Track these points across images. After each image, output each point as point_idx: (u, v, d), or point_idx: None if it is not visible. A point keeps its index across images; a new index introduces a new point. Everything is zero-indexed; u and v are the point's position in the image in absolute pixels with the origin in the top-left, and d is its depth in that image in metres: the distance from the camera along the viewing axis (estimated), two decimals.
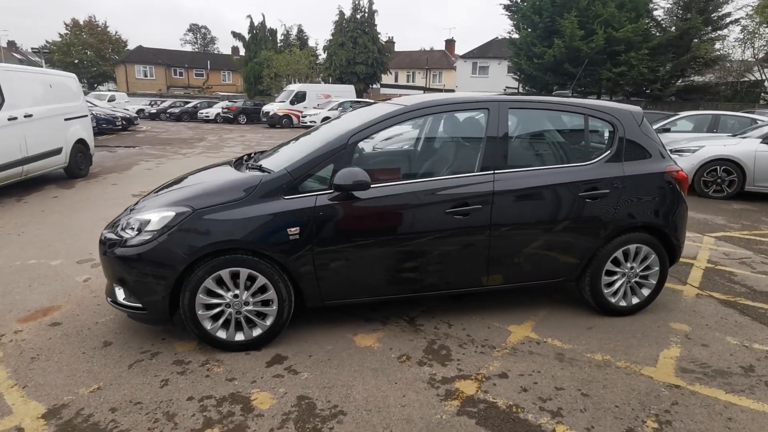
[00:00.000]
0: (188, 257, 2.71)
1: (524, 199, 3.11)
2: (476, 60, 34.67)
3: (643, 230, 3.36)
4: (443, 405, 2.46)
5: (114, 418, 2.31)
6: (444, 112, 3.25)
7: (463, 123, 3.50)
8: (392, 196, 2.95)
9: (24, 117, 7.34)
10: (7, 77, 7.19)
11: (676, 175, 3.43)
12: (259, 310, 2.91)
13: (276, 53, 32.04)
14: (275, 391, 2.55)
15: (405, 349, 3.00)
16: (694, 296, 3.90)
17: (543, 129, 3.50)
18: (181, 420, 2.31)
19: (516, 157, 3.21)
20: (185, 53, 54.53)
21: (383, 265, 2.99)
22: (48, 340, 3.04)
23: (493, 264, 3.16)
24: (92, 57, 49.46)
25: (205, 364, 2.80)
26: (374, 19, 29.24)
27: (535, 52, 21.29)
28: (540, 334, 3.22)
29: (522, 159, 3.27)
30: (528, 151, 3.44)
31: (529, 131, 3.51)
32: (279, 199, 2.82)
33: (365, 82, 29.23)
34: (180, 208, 2.79)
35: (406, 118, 3.09)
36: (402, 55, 46.17)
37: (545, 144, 3.51)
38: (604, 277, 3.36)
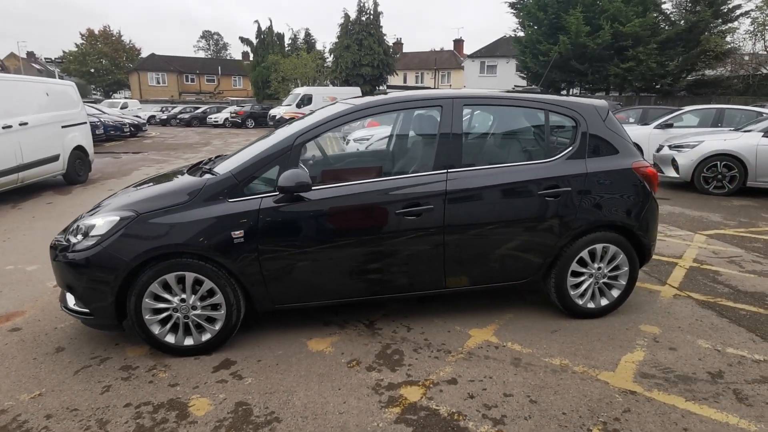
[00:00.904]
0: (132, 262, 2.68)
1: (479, 198, 3.01)
2: (484, 59, 34.39)
3: (609, 229, 3.24)
4: (383, 412, 2.38)
5: (47, 425, 2.29)
6: (394, 110, 3.18)
7: (423, 121, 3.42)
8: (339, 198, 2.88)
9: (19, 125, 7.47)
10: (2, 86, 7.34)
11: (645, 171, 3.29)
12: (208, 315, 2.87)
13: (283, 57, 32.26)
14: (215, 397, 2.51)
15: (357, 353, 2.93)
16: (671, 297, 3.75)
17: (501, 126, 3.40)
18: (113, 427, 2.28)
19: (472, 156, 3.12)
20: (196, 59, 55.34)
21: (333, 267, 2.93)
22: (4, 346, 3.05)
23: (451, 265, 3.07)
24: (107, 66, 50.59)
25: (151, 369, 2.77)
26: (380, 21, 29.24)
27: (541, 49, 21.00)
28: (501, 337, 3.12)
29: (478, 157, 3.18)
30: (485, 148, 3.35)
31: (486, 128, 3.41)
32: (224, 202, 2.78)
33: (371, 83, 29.23)
34: (124, 213, 2.77)
35: (354, 117, 3.03)
36: (410, 56, 46.09)
37: (504, 141, 3.41)
38: (570, 278, 3.25)
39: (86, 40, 50.72)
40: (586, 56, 20.12)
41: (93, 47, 50.32)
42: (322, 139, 3.80)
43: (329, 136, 9.66)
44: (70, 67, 49.39)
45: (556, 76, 21.74)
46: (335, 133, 6.65)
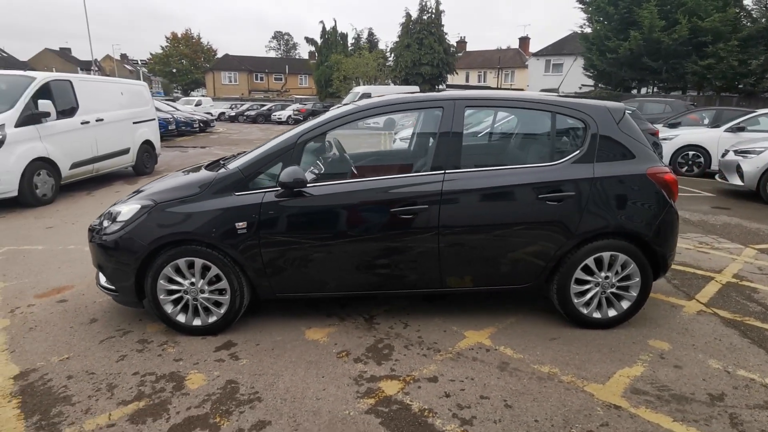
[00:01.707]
0: (149, 246, 2.98)
1: (475, 200, 3.01)
2: (549, 57, 33.05)
3: (618, 237, 3.10)
4: (357, 402, 2.48)
5: (66, 384, 2.63)
6: (397, 111, 3.24)
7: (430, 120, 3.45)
8: (338, 195, 3.01)
9: (96, 121, 8.35)
10: (82, 86, 8.22)
11: (661, 177, 3.11)
12: (215, 299, 3.11)
13: (345, 56, 33.01)
14: (210, 374, 2.74)
15: (349, 345, 3.05)
16: (694, 313, 3.50)
17: (506, 128, 3.35)
18: (119, 392, 2.57)
19: (472, 157, 3.12)
20: (266, 59, 57.99)
21: (330, 261, 3.06)
22: (50, 314, 3.49)
23: (448, 266, 3.09)
24: (187, 66, 54.39)
25: (163, 344, 3.06)
26: (441, 20, 29.03)
27: (609, 46, 19.84)
28: (495, 341, 3.10)
29: (479, 159, 3.17)
30: (487, 150, 3.32)
31: (489, 130, 3.38)
32: (230, 195, 3.01)
33: (431, 82, 29.12)
34: (145, 202, 3.08)
35: (357, 118, 3.13)
36: (474, 55, 45.33)
37: (508, 143, 3.36)
38: (573, 286, 3.15)
39: (170, 42, 54.85)
40: (660, 53, 18.74)
41: (175, 49, 54.32)
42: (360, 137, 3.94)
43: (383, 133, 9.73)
44: (155, 67, 53.74)
45: (626, 74, 20.46)
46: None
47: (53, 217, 6.40)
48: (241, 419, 2.35)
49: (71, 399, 2.50)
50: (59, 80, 7.79)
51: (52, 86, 7.50)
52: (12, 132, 6.68)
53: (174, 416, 2.37)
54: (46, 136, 7.21)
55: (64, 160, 7.57)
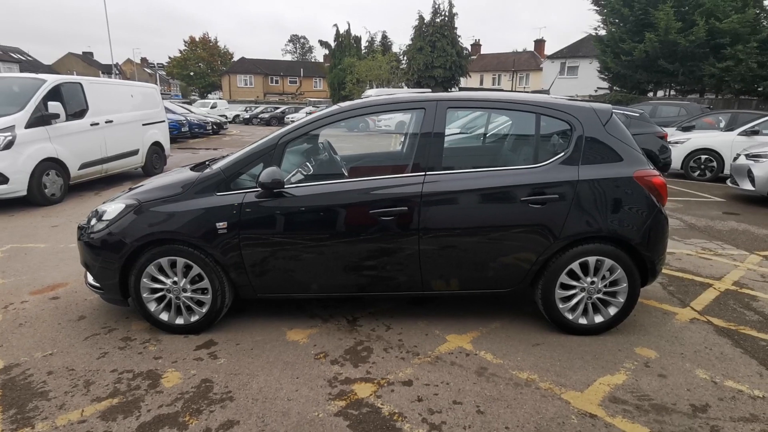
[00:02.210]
0: (132, 244, 3.02)
1: (455, 202, 2.97)
2: (564, 60, 32.66)
3: (604, 241, 3.03)
4: (327, 404, 2.47)
5: (45, 380, 2.67)
6: (379, 112, 3.22)
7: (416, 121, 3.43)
8: (318, 196, 3.01)
9: (105, 122, 8.52)
10: (92, 89, 8.40)
11: (649, 181, 3.03)
12: (197, 298, 3.13)
13: (359, 59, 33.15)
14: (187, 372, 2.75)
15: (328, 347, 3.04)
16: (687, 321, 3.40)
17: (489, 129, 3.31)
18: (94, 388, 2.60)
19: (455, 159, 3.09)
20: (281, 62, 58.60)
21: (310, 262, 3.06)
22: (41, 311, 3.56)
23: (428, 269, 3.06)
24: (204, 69, 55.34)
25: (145, 342, 3.09)
26: (454, 23, 28.94)
27: (624, 48, 19.52)
28: (476, 345, 3.05)
29: (462, 160, 3.14)
30: (470, 152, 3.27)
31: (472, 131, 3.34)
32: (212, 195, 3.03)
33: (443, 85, 29.02)
34: (130, 201, 3.12)
35: (339, 119, 3.13)
36: (489, 58, 45.08)
37: (491, 144, 3.31)
38: (558, 291, 3.09)
39: (188, 46, 55.90)
40: (676, 55, 18.38)
41: (193, 53, 55.35)
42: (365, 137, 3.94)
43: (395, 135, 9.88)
44: (174, 70, 54.73)
45: (642, 76, 20.11)
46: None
47: (60, 216, 6.53)
48: (210, 418, 2.35)
49: (48, 394, 2.54)
50: (70, 83, 7.98)
51: (62, 89, 7.68)
52: (22, 133, 6.85)
53: (144, 414, 2.38)
54: (56, 137, 7.38)
55: (73, 161, 7.74)
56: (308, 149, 3.96)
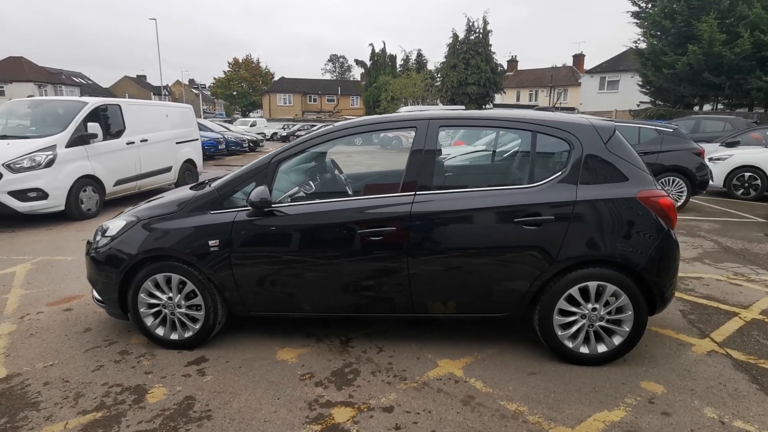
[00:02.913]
0: (130, 261, 3.11)
1: (446, 222, 2.89)
2: (604, 74, 31.73)
3: (606, 265, 2.86)
4: (302, 428, 2.42)
5: (40, 390, 2.77)
6: (371, 131, 3.20)
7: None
8: (307, 215, 3.01)
9: (140, 141, 8.97)
10: (129, 110, 8.89)
11: (655, 202, 2.85)
12: (191, 314, 3.18)
13: (393, 78, 33.55)
14: (173, 389, 2.78)
15: (316, 368, 3.00)
16: (704, 353, 3.13)
17: (484, 148, 3.21)
18: (83, 401, 2.66)
19: (446, 178, 3.02)
20: (319, 81, 60.16)
21: (300, 281, 3.05)
22: (53, 322, 3.72)
23: (418, 291, 2.98)
24: (246, 89, 57.62)
25: (140, 356, 3.16)
26: (488, 40, 28.83)
27: (665, 61, 18.77)
28: (467, 372, 2.93)
29: (455, 180, 3.05)
30: (462, 171, 3.19)
31: (466, 151, 3.25)
32: (206, 213, 3.09)
33: (477, 102, 28.84)
34: (130, 218, 3.24)
35: (330, 138, 3.14)
36: (526, 74, 44.55)
37: (485, 164, 3.21)
38: (557, 317, 2.93)
39: (232, 67, 58.47)
40: (722, 68, 17.49)
41: (236, 73, 57.82)
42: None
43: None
44: (218, 91, 57.28)
45: (686, 90, 19.22)
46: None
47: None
48: None
49: (39, 405, 2.63)
50: (109, 105, 8.47)
51: (101, 111, 8.18)
52: (62, 152, 7.31)
53: (123, 429, 2.42)
54: (94, 155, 7.83)
55: (109, 178, 8.17)
56: (313, 168, 4.00)
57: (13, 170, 6.84)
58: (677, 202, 7.60)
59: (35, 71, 48.46)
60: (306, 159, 4.04)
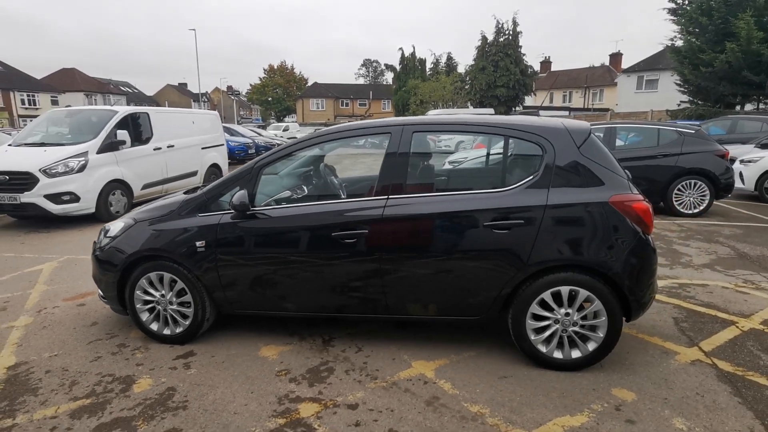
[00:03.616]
0: (126, 259, 3.34)
1: (417, 226, 2.95)
2: (642, 74, 30.56)
3: (578, 270, 2.84)
4: (268, 420, 2.54)
5: (41, 378, 3.02)
6: (347, 138, 3.30)
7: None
8: (287, 218, 3.14)
9: (167, 147, 9.44)
10: (157, 117, 9.38)
11: (629, 206, 2.81)
12: (182, 311, 3.37)
13: (422, 81, 33.58)
14: (158, 380, 2.97)
15: (293, 365, 3.12)
16: (687, 362, 3.04)
17: (459, 152, 3.24)
18: (77, 388, 2.89)
19: (419, 182, 3.07)
20: (351, 86, 60.89)
21: (280, 281, 3.18)
22: (65, 316, 4.02)
23: (392, 294, 3.05)
24: (280, 95, 59.03)
25: (135, 349, 3.38)
26: (518, 41, 28.35)
27: (703, 59, 17.93)
28: (439, 374, 2.97)
29: (426, 185, 3.11)
30: (434, 176, 3.23)
31: (439, 155, 3.29)
32: (195, 216, 3.28)
33: (506, 105, 28.42)
34: (128, 220, 3.47)
35: (309, 145, 3.26)
36: (559, 75, 43.52)
37: (458, 168, 3.24)
38: (529, 321, 2.93)
39: (267, 73, 60.06)
40: (761, 66, 16.56)
41: (271, 79, 59.34)
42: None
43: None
44: (253, 97, 58.93)
45: (725, 89, 18.29)
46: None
47: None
48: (158, 425, 2.52)
49: (38, 391, 2.87)
50: (138, 113, 8.98)
51: (131, 118, 8.69)
52: (93, 158, 7.81)
53: (106, 416, 2.61)
54: (123, 161, 8.32)
55: (137, 182, 8.64)
56: (307, 173, 4.14)
57: (48, 175, 7.37)
58: (699, 207, 7.30)
59: (86, 81, 51.48)
60: (302, 164, 4.20)
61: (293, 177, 4.15)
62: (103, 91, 51.71)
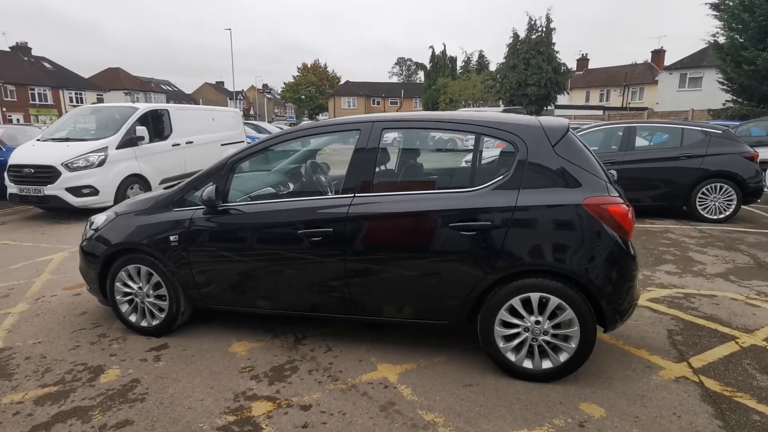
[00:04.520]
0: (105, 252, 3.42)
1: (382, 225, 2.87)
2: (685, 71, 29.04)
3: (549, 276, 2.68)
4: (218, 417, 2.53)
5: (19, 364, 3.13)
6: (317, 135, 3.25)
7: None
8: (254, 214, 3.12)
9: (185, 143, 9.69)
10: (177, 114, 9.64)
11: (604, 209, 2.63)
12: (158, 304, 3.42)
13: (452, 80, 33.17)
14: (126, 371, 3.01)
15: (259, 362, 3.10)
16: (671, 379, 2.83)
17: (427, 151, 3.13)
18: (48, 376, 2.97)
19: (388, 181, 2.98)
20: (383, 84, 60.91)
21: (249, 278, 3.17)
22: (59, 305, 4.16)
23: (358, 294, 2.98)
24: (313, 93, 59.76)
25: (113, 340, 3.45)
26: (551, 38, 27.49)
27: (746, 56, 16.85)
28: (403, 379, 2.88)
29: (395, 182, 3.01)
30: (405, 174, 3.12)
31: (409, 153, 3.18)
32: (170, 211, 3.31)
33: (537, 103, 27.63)
34: (110, 213, 3.55)
35: (280, 141, 3.23)
36: (597, 72, 42.05)
37: (428, 167, 3.13)
38: (498, 328, 2.80)
39: (300, 72, 60.93)
40: None
41: (305, 78, 60.16)
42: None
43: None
44: (287, 95, 59.93)
45: None
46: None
47: None
48: (113, 415, 2.55)
49: (13, 376, 2.97)
50: (158, 110, 9.25)
51: (151, 115, 8.96)
52: (113, 153, 8.10)
53: (67, 404, 2.67)
54: (141, 156, 8.59)
55: (155, 176, 8.89)
56: (295, 170, 4.13)
57: (70, 169, 7.70)
58: (725, 212, 6.84)
59: (130, 80, 53.76)
60: (294, 161, 4.20)
61: (280, 174, 4.15)
62: (145, 89, 53.83)
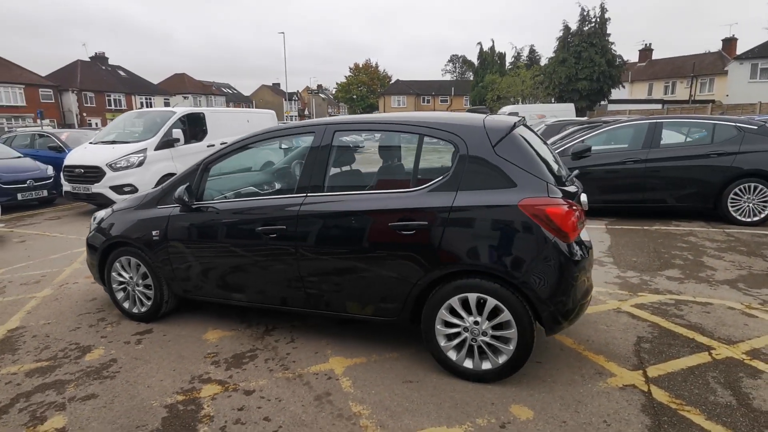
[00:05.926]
0: (102, 245, 3.80)
1: (328, 224, 2.99)
2: (756, 61, 26.49)
3: (486, 277, 2.69)
4: (169, 396, 2.78)
5: (26, 341, 3.57)
6: (277, 137, 3.40)
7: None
8: (223, 212, 3.35)
9: (220, 144, 10.27)
10: (212, 117, 10.25)
11: (540, 210, 2.59)
12: (146, 293, 3.76)
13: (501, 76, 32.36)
14: (108, 351, 3.36)
15: (225, 349, 3.33)
16: (617, 386, 2.73)
17: (376, 152, 3.19)
18: (45, 352, 3.38)
19: (337, 182, 3.10)
20: (433, 82, 60.50)
21: (218, 271, 3.41)
22: (78, 291, 4.65)
23: (312, 289, 3.13)
24: (364, 92, 60.54)
25: (109, 324, 3.83)
26: (605, 29, 25.99)
27: None
28: (348, 372, 2.99)
29: (344, 183, 3.11)
30: (353, 175, 3.20)
31: (358, 154, 3.26)
32: (154, 208, 3.63)
33: (589, 98, 26.27)
34: (109, 209, 3.93)
35: (246, 144, 3.42)
36: (661, 64, 39.39)
37: (378, 167, 3.18)
38: (439, 327, 2.84)
39: (352, 72, 61.92)
40: None
41: (356, 78, 61.08)
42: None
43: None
44: (338, 95, 61.14)
45: None
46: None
47: None
48: (83, 389, 2.88)
49: (17, 351, 3.40)
50: (194, 113, 9.90)
51: (187, 118, 9.61)
52: (151, 154, 8.80)
53: (51, 377, 3.03)
54: (177, 156, 9.24)
55: None
56: (282, 170, 4.36)
57: (113, 169, 8.47)
58: (760, 214, 6.28)
59: (193, 84, 57.19)
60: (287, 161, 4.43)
61: (267, 174, 4.39)
62: (207, 93, 57.03)
